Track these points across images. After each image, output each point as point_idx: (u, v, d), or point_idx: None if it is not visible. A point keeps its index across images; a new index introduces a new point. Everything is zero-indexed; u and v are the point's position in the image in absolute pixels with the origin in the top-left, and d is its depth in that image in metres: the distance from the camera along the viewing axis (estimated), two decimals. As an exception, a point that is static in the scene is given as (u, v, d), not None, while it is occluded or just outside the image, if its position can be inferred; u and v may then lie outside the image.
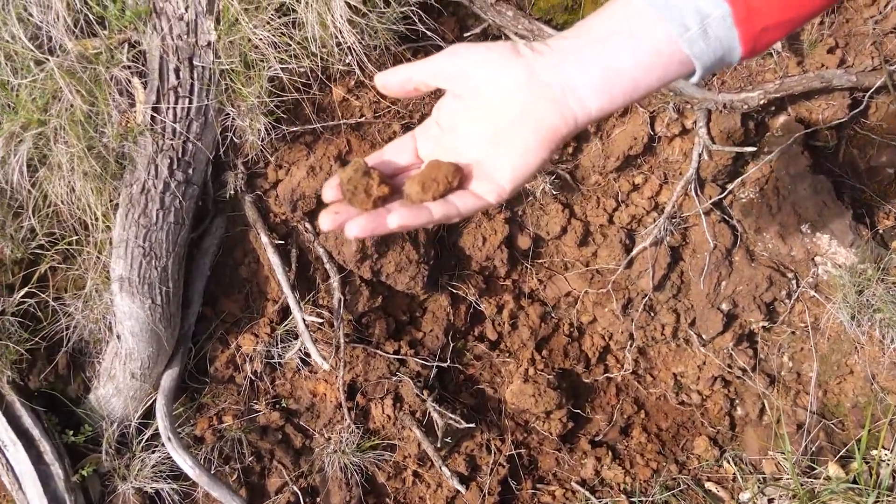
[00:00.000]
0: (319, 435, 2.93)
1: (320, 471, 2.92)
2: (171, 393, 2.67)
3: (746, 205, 2.99)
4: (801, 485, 2.92)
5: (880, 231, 2.98)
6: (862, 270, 2.87)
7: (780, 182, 2.93)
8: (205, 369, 2.85)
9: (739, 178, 2.94)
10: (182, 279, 2.65)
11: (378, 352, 2.93)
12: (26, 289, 2.60)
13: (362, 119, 2.71)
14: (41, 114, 2.34)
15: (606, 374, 3.30)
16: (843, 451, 3.03)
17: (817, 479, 2.98)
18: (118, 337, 2.57)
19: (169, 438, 2.57)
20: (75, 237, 2.56)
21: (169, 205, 2.48)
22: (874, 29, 2.79)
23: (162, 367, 2.69)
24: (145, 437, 2.74)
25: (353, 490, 2.91)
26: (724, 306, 3.04)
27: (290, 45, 2.38)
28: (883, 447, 2.94)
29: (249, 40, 2.36)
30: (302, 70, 2.46)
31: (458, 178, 0.99)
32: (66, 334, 2.67)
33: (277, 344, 2.85)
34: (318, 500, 2.93)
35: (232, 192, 2.68)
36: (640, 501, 3.09)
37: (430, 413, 2.91)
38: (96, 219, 2.50)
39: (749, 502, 3.09)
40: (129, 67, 2.43)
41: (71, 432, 2.68)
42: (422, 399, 2.91)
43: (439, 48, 2.68)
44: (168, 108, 2.42)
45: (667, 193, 2.99)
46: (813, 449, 3.07)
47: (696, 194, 2.92)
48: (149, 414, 2.75)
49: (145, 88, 2.44)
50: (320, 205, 2.74)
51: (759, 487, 3.09)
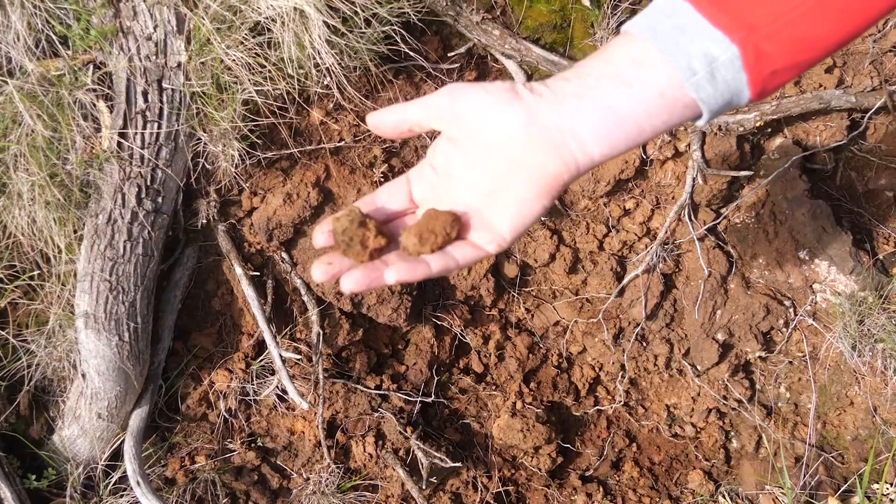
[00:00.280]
0: (298, 475, 2.81)
1: (299, 513, 2.79)
2: (140, 433, 2.54)
3: (742, 230, 2.89)
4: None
5: (880, 257, 2.88)
6: (862, 298, 2.77)
7: (777, 207, 2.83)
8: (176, 407, 2.73)
9: (734, 203, 2.86)
10: (151, 313, 2.52)
11: (359, 387, 2.81)
12: (-16, 325, 2.47)
13: (341, 143, 2.60)
14: (-1, 140, 2.21)
15: (597, 407, 3.18)
16: (845, 486, 2.93)
17: (817, 515, 2.88)
18: (83, 376, 2.43)
19: (138, 483, 2.44)
20: (37, 271, 2.43)
21: (137, 236, 2.36)
22: (873, 47, 2.69)
23: (130, 406, 2.56)
24: (113, 479, 2.60)
25: (333, 533, 2.78)
26: (720, 336, 2.93)
27: (266, 67, 2.28)
28: (886, 482, 2.83)
29: (222, 61, 2.26)
30: (278, 92, 2.36)
31: (456, 228, 0.95)
32: (28, 372, 2.54)
33: (253, 380, 2.73)
34: (296, 543, 2.80)
35: (204, 220, 2.57)
36: (633, 540, 2.97)
37: (414, 451, 2.79)
38: (59, 251, 2.39)
39: (746, 539, 2.98)
40: (94, 90, 2.32)
41: (33, 476, 2.53)
42: (405, 436, 2.80)
43: (422, 69, 2.59)
44: (136, 133, 2.31)
45: (659, 219, 2.89)
46: (812, 483, 2.96)
47: (690, 219, 2.82)
48: (117, 455, 2.61)
49: (111, 112, 2.33)
50: (297, 234, 2.65)
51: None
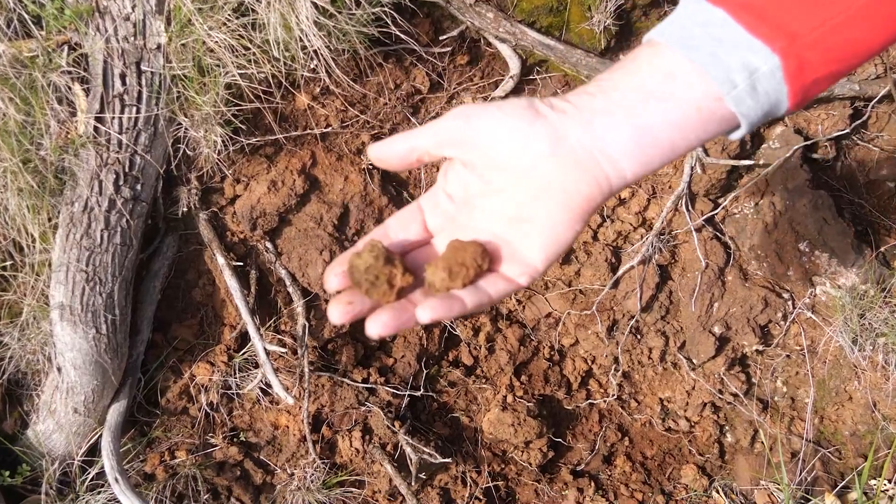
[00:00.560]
0: (282, 470, 2.74)
1: (283, 509, 2.71)
2: (118, 428, 2.47)
3: (740, 221, 2.82)
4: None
5: (882, 250, 2.81)
6: (864, 292, 2.70)
7: (777, 197, 2.76)
8: (156, 401, 2.66)
9: (733, 193, 2.79)
10: (130, 305, 2.44)
11: (345, 380, 2.74)
12: (-45, 317, 2.40)
13: (328, 129, 2.52)
14: (-31, 124, 2.12)
15: (589, 401, 3.11)
16: (843, 482, 2.87)
17: (813, 512, 2.82)
18: (59, 369, 2.35)
19: (116, 479, 2.36)
20: (10, 261, 2.35)
21: (115, 224, 2.27)
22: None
23: (108, 400, 2.49)
24: (90, 475, 2.54)
25: (318, 529, 2.71)
26: (717, 329, 2.86)
27: (250, 49, 2.21)
28: (884, 478, 2.78)
29: (204, 43, 2.18)
30: (263, 76, 2.29)
31: (487, 259, 0.85)
32: (1, 365, 2.47)
33: (235, 373, 2.65)
34: (280, 540, 2.73)
35: (185, 209, 2.49)
36: (625, 536, 2.91)
37: (402, 446, 2.71)
38: (33, 240, 2.31)
39: (741, 536, 2.92)
40: (70, 72, 2.24)
41: (7, 472, 2.47)
42: (393, 431, 2.72)
43: (412, 52, 2.50)
44: (113, 117, 2.23)
45: (655, 208, 2.82)
46: (808, 479, 2.91)
47: (687, 209, 2.75)
48: (94, 450, 2.55)
49: (87, 96, 2.25)
50: (282, 223, 2.57)
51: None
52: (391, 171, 2.58)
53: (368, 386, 2.77)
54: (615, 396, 3.10)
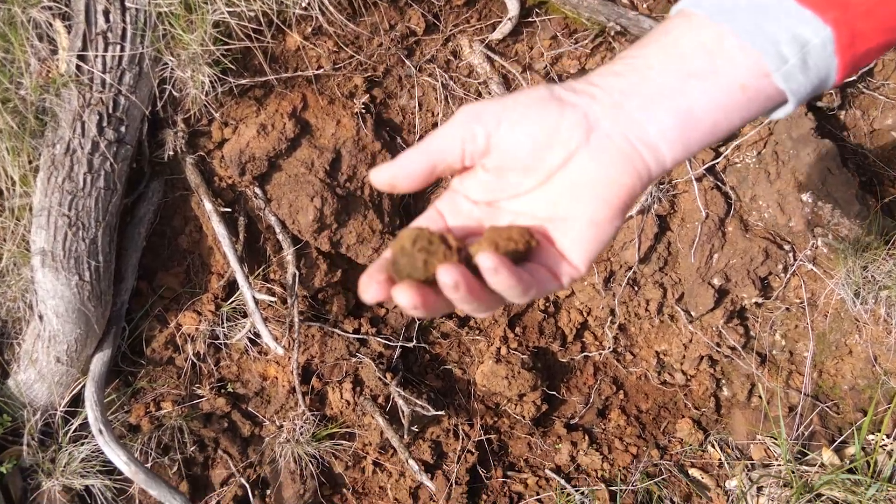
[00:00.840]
0: (270, 422, 2.69)
1: (271, 462, 2.68)
2: (101, 378, 2.41)
3: (742, 171, 2.76)
4: (794, 472, 2.72)
5: (886, 201, 2.76)
6: (867, 243, 2.64)
7: (781, 146, 2.69)
8: (140, 350, 2.60)
9: (735, 142, 2.73)
10: (114, 251, 2.37)
11: (336, 331, 2.68)
12: (-68, 263, 2.32)
13: (320, 71, 2.43)
14: (-56, 61, 2.03)
15: (584, 353, 3.06)
16: (843, 437, 2.84)
17: (811, 466, 2.78)
18: (40, 317, 2.28)
19: (100, 431, 2.31)
20: (-12, 205, 2.26)
21: (98, 168, 2.20)
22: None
23: (91, 349, 2.42)
24: (73, 426, 2.48)
25: (307, 482, 2.67)
26: (716, 281, 2.80)
27: None
28: (884, 432, 2.75)
29: (191, -23, 2.06)
30: (253, 13, 2.21)
31: (534, 238, 0.75)
32: (-20, 313, 2.38)
33: (223, 323, 2.59)
34: (268, 492, 2.68)
35: (171, 152, 2.42)
36: (620, 490, 2.86)
37: (393, 398, 2.66)
38: (13, 183, 2.26)
39: (737, 490, 2.88)
40: (51, 8, 2.17)
41: (-13, 423, 2.41)
42: (384, 383, 2.67)
43: (408, -9, 2.40)
44: (96, 55, 2.16)
45: (655, 157, 2.73)
46: (805, 434, 2.87)
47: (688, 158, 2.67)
48: (77, 401, 2.50)
49: (69, 33, 2.18)
50: (272, 168, 2.49)
51: (747, 474, 2.88)
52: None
53: (359, 336, 2.71)
54: (611, 349, 3.05)
